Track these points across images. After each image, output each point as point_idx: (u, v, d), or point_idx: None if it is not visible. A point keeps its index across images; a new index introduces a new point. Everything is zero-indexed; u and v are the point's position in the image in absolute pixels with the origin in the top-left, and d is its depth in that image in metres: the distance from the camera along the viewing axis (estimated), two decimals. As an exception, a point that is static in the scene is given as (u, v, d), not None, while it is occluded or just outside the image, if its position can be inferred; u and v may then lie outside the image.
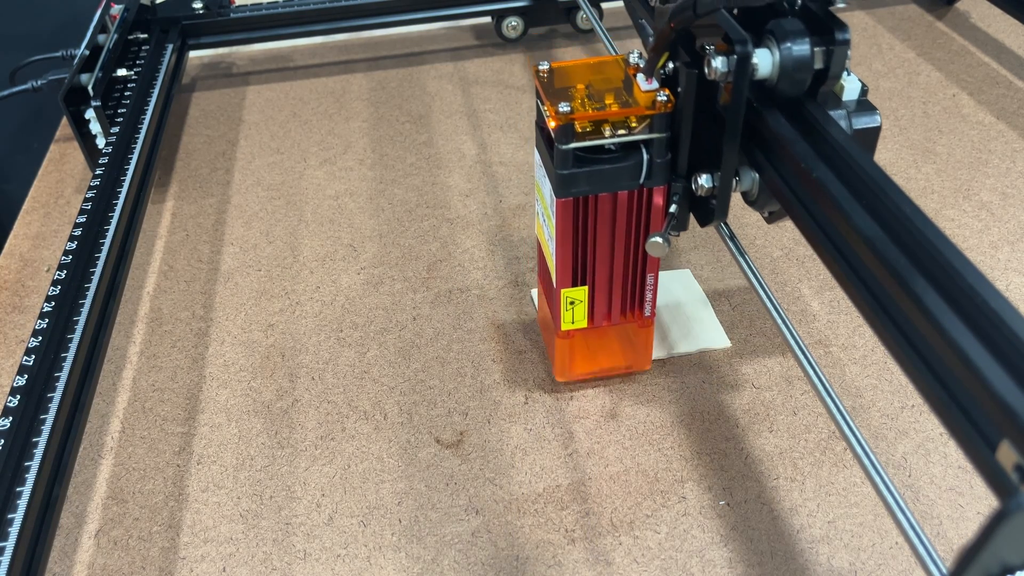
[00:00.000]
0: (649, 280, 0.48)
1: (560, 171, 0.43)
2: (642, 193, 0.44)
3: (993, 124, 0.73)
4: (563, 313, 0.48)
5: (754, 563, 0.44)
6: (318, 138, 0.76)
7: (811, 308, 0.57)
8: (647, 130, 0.42)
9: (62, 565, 0.46)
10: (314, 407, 0.53)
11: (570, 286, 0.47)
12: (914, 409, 0.51)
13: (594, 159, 0.43)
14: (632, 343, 0.52)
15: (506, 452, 0.50)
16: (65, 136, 0.79)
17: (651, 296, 0.49)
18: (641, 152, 0.43)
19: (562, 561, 0.45)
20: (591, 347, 0.52)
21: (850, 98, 0.38)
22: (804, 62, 0.36)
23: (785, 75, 0.37)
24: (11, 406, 0.43)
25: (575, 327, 0.49)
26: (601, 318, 0.49)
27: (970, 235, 0.62)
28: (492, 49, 0.87)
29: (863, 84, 0.38)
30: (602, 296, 0.48)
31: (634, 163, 0.43)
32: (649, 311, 0.49)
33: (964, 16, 0.88)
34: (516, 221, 0.66)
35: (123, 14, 0.75)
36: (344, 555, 0.45)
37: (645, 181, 0.43)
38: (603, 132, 0.42)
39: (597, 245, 0.46)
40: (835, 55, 0.36)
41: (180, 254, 0.65)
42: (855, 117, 0.38)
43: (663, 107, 0.41)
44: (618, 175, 0.43)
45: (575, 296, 0.48)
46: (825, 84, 0.37)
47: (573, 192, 0.43)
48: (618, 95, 0.43)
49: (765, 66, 0.37)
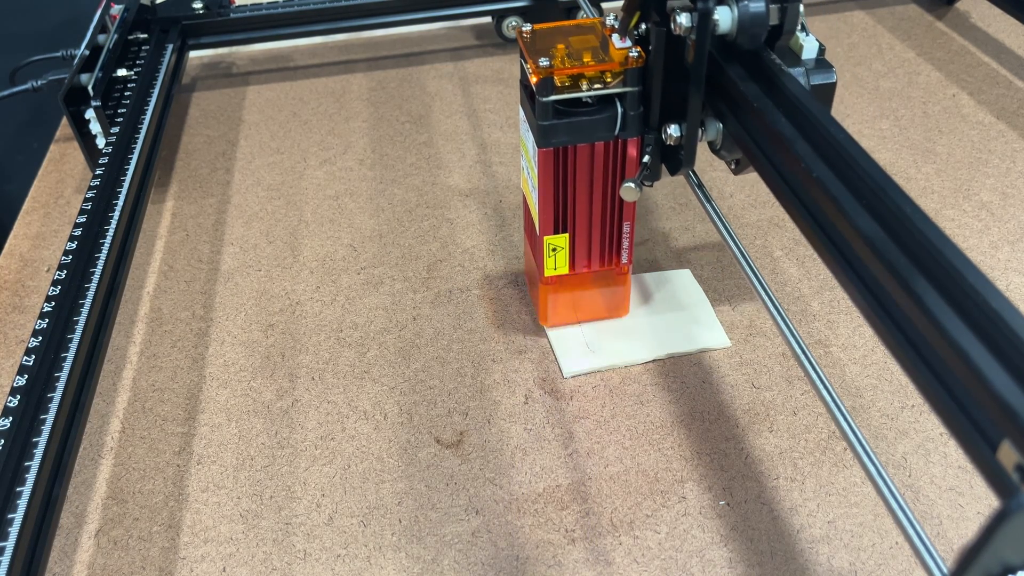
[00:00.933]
0: (626, 228, 0.52)
1: (541, 122, 0.46)
2: (617, 144, 0.48)
3: (993, 124, 0.73)
4: (546, 260, 0.52)
5: (754, 563, 0.44)
6: (318, 138, 0.76)
7: (811, 308, 0.57)
8: (621, 84, 0.46)
9: (62, 565, 0.46)
10: (314, 407, 0.53)
11: (552, 233, 0.51)
12: (914, 409, 0.51)
13: (573, 112, 0.47)
14: (611, 290, 0.55)
15: (506, 452, 0.50)
16: (65, 136, 0.79)
17: (628, 244, 0.52)
18: (616, 105, 0.47)
19: (562, 561, 0.45)
20: (573, 296, 0.55)
21: (809, 56, 0.42)
22: (760, 18, 0.40)
23: (743, 30, 0.40)
24: (11, 406, 0.43)
25: (557, 273, 0.53)
26: (581, 264, 0.53)
27: (970, 235, 0.62)
28: (492, 49, 0.87)
29: (821, 44, 0.42)
30: (582, 243, 0.52)
31: (609, 115, 0.47)
32: (626, 258, 0.53)
33: (964, 16, 0.88)
34: (516, 221, 0.66)
35: (123, 14, 0.75)
36: (344, 555, 0.45)
37: (620, 132, 0.47)
38: (581, 86, 0.46)
39: (577, 193, 0.49)
40: (789, 12, 0.40)
41: (180, 254, 0.65)
42: (812, 74, 0.41)
43: (635, 62, 0.45)
44: (595, 126, 0.47)
45: (557, 243, 0.51)
46: (780, 39, 0.41)
47: (554, 142, 0.47)
48: (595, 53, 0.46)
49: (725, 21, 0.40)
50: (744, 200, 0.67)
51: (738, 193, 0.67)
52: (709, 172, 0.69)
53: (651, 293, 0.59)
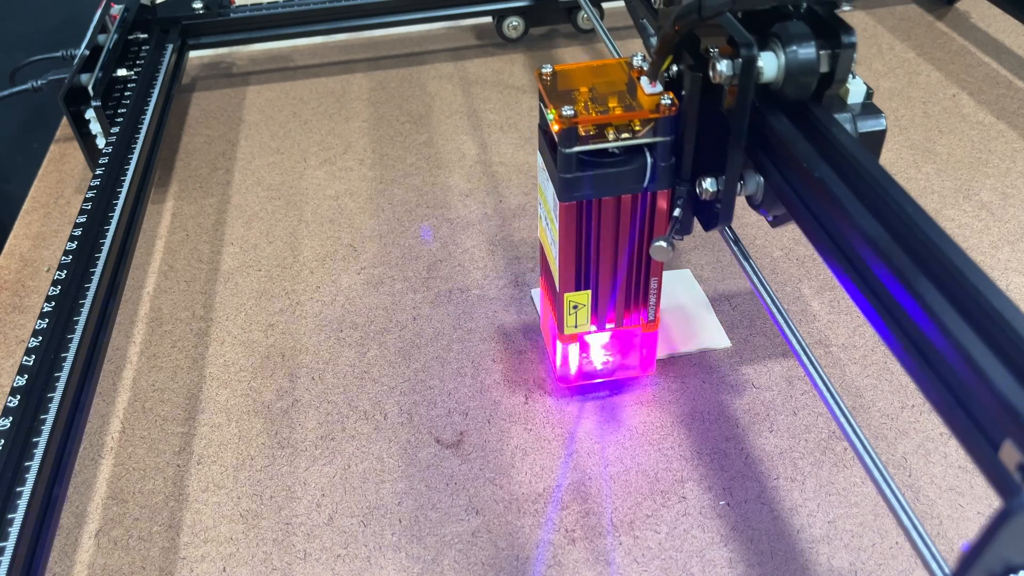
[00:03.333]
0: (653, 284, 0.48)
1: (563, 175, 0.42)
2: (646, 197, 0.44)
3: (993, 124, 0.73)
4: (566, 317, 0.48)
5: (754, 563, 0.44)
6: (318, 138, 0.76)
7: (811, 308, 0.57)
8: (651, 133, 0.42)
9: (62, 565, 0.46)
10: (314, 407, 0.53)
11: (573, 290, 0.47)
12: (914, 409, 0.51)
13: (597, 163, 0.42)
14: (635, 346, 0.52)
15: (506, 452, 0.50)
16: (65, 136, 0.79)
17: (654, 300, 0.49)
18: (645, 156, 0.42)
19: (562, 561, 0.45)
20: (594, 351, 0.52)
21: (855, 101, 0.38)
22: (810, 65, 0.36)
23: (790, 79, 0.36)
24: (11, 406, 0.43)
25: (578, 331, 0.49)
26: (604, 322, 0.49)
27: (970, 235, 0.62)
28: (493, 49, 0.87)
29: (868, 87, 0.38)
30: (605, 300, 0.48)
31: (638, 167, 0.42)
32: (652, 315, 0.49)
33: (964, 16, 0.88)
34: (516, 221, 0.66)
35: (123, 14, 0.75)
36: (344, 555, 0.45)
37: (649, 185, 0.43)
38: (607, 136, 0.42)
39: (600, 249, 0.46)
40: (841, 58, 0.36)
41: (180, 254, 0.65)
42: (860, 120, 0.38)
43: (667, 110, 0.41)
44: (622, 179, 0.43)
45: (578, 300, 0.47)
46: (831, 88, 0.37)
47: (576, 196, 0.43)
48: (621, 98, 0.43)
49: (770, 69, 0.36)
50: (744, 200, 0.66)
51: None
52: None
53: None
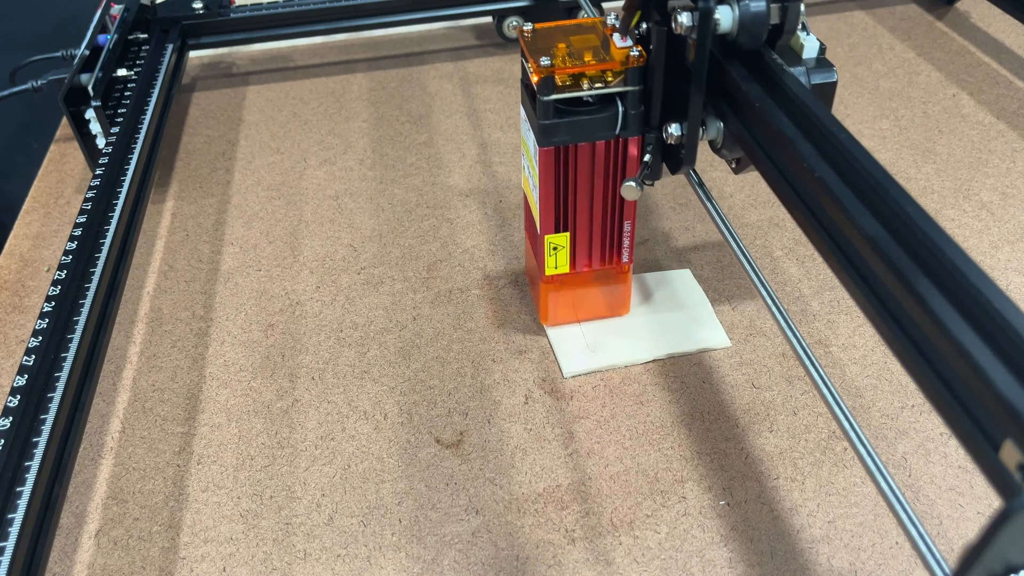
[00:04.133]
0: (626, 227, 0.52)
1: (542, 121, 0.46)
2: (618, 143, 0.48)
3: (993, 124, 0.73)
4: (547, 259, 0.52)
5: (754, 563, 0.44)
6: (318, 138, 0.76)
7: (811, 308, 0.57)
8: (622, 83, 0.46)
9: (62, 565, 0.46)
10: (314, 407, 0.53)
11: (553, 232, 0.51)
12: (914, 409, 0.51)
13: (573, 111, 0.46)
14: (612, 289, 0.55)
15: (506, 452, 0.50)
16: (65, 136, 0.79)
17: (628, 243, 0.52)
18: (617, 104, 0.47)
19: (562, 561, 0.45)
20: (574, 294, 0.55)
21: (809, 56, 0.42)
22: (761, 17, 0.40)
23: (744, 29, 0.40)
24: (11, 406, 0.43)
25: (558, 272, 0.53)
26: (582, 263, 0.53)
27: (970, 235, 0.62)
28: (493, 49, 0.87)
29: (821, 43, 0.42)
30: (583, 242, 0.52)
31: (610, 114, 0.47)
32: (627, 257, 0.53)
33: (964, 16, 0.88)
34: (516, 221, 0.66)
35: (123, 14, 0.75)
36: (344, 555, 0.45)
37: (621, 131, 0.47)
38: (582, 85, 0.46)
39: (578, 192, 0.49)
40: (789, 11, 0.40)
41: (180, 254, 0.65)
42: (813, 73, 0.41)
43: (636, 62, 0.45)
44: (596, 126, 0.47)
45: (558, 242, 0.51)
46: (781, 38, 0.41)
47: (554, 141, 0.47)
48: (596, 53, 0.46)
49: (726, 21, 0.40)
50: (744, 200, 0.67)
51: (738, 193, 0.67)
52: (709, 172, 0.69)
53: (651, 293, 0.59)
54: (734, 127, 0.43)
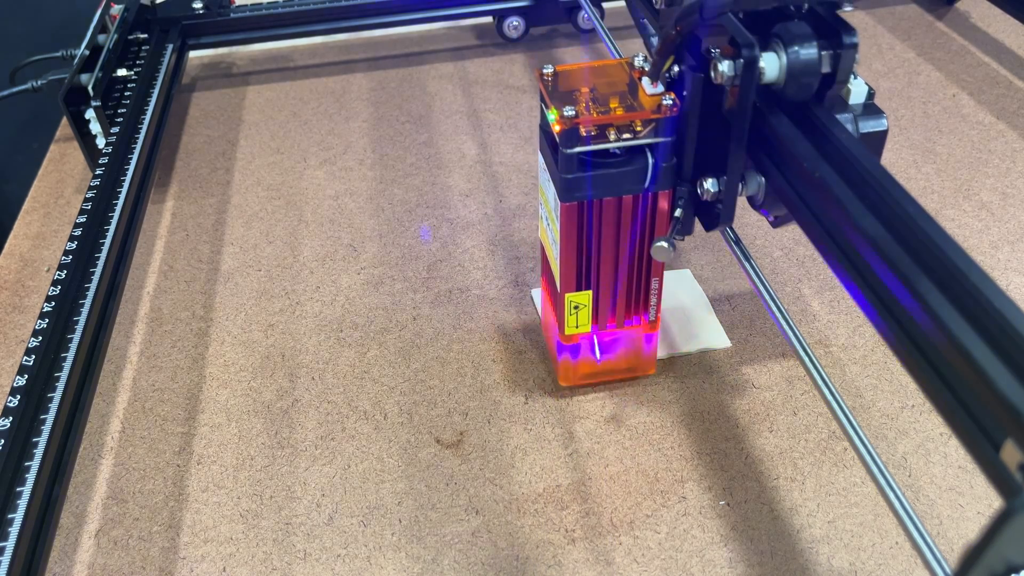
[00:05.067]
0: (654, 284, 0.48)
1: (564, 175, 0.42)
2: (647, 197, 0.44)
3: (993, 124, 0.73)
4: (567, 317, 0.48)
5: (754, 563, 0.44)
6: (318, 138, 0.76)
7: (811, 308, 0.57)
8: (652, 134, 0.42)
9: (62, 565, 0.46)
10: (314, 407, 0.53)
11: (574, 290, 0.47)
12: (914, 409, 0.51)
13: (599, 163, 0.42)
14: (636, 347, 0.51)
15: (506, 452, 0.50)
16: (65, 136, 0.79)
17: (655, 300, 0.49)
18: (646, 156, 0.43)
19: (562, 561, 0.45)
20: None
21: (857, 101, 0.38)
22: (811, 66, 0.36)
23: (792, 79, 0.36)
24: (11, 406, 0.43)
25: (579, 331, 0.49)
26: (605, 322, 0.49)
27: (970, 235, 0.62)
28: (493, 49, 0.87)
29: (870, 87, 0.38)
30: (606, 301, 0.48)
31: (639, 167, 0.43)
32: (653, 315, 0.49)
33: (964, 16, 0.88)
34: (516, 221, 0.66)
35: (123, 14, 0.75)
36: (344, 555, 0.45)
37: (650, 185, 0.43)
38: (608, 136, 0.42)
39: (602, 250, 0.46)
40: (843, 59, 0.36)
41: (180, 254, 0.65)
42: (862, 121, 0.38)
43: (668, 111, 0.41)
44: (623, 179, 0.43)
45: (579, 300, 0.47)
46: (832, 88, 0.37)
47: (578, 196, 0.43)
48: (623, 99, 0.42)
49: (772, 70, 0.36)
50: (744, 200, 0.66)
51: (738, 193, 0.67)
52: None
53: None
54: (777, 183, 0.39)
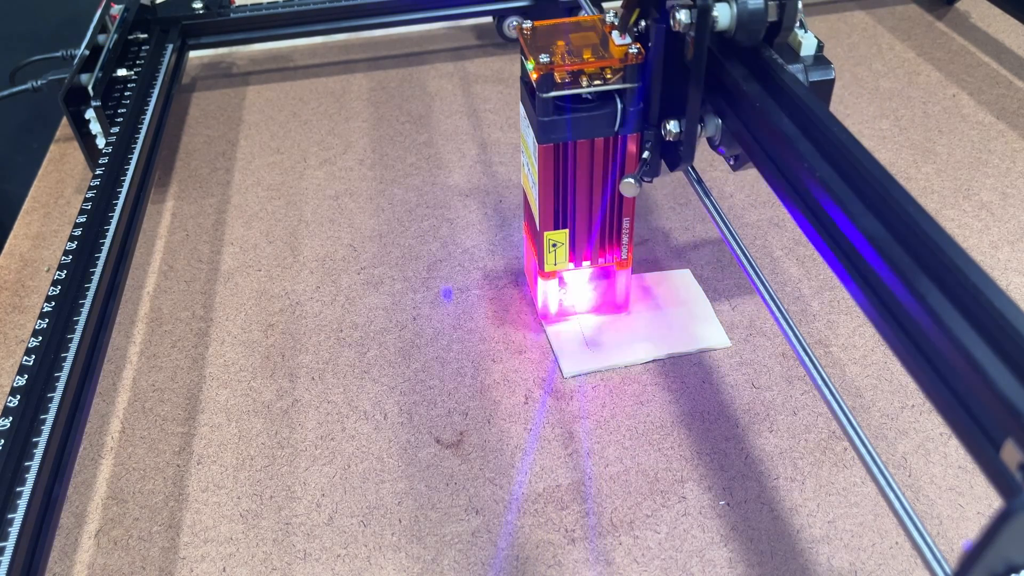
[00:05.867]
0: (625, 223, 0.52)
1: (542, 118, 0.46)
2: (617, 140, 0.48)
3: (993, 124, 0.73)
4: (546, 255, 0.53)
5: (754, 563, 0.44)
6: (318, 138, 0.76)
7: (811, 308, 0.57)
8: (621, 81, 0.46)
9: (62, 565, 0.46)
10: (314, 407, 0.53)
11: (552, 229, 0.51)
12: (914, 409, 0.51)
13: (573, 108, 0.47)
14: (610, 283, 0.56)
15: (506, 452, 0.50)
16: (65, 136, 0.79)
17: (627, 239, 0.53)
18: (616, 101, 0.47)
19: (562, 561, 0.45)
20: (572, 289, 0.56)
21: (807, 53, 0.42)
22: (759, 14, 0.40)
23: (742, 26, 0.40)
24: (11, 406, 0.43)
25: (558, 268, 0.53)
26: (581, 259, 0.53)
27: (970, 235, 0.62)
28: (493, 49, 0.87)
29: (819, 41, 0.42)
30: (582, 238, 0.52)
31: (609, 112, 0.47)
32: (625, 253, 0.54)
33: (964, 16, 0.88)
34: (516, 222, 0.66)
35: (123, 14, 0.75)
36: (344, 555, 0.45)
37: (619, 128, 0.47)
38: (581, 83, 0.46)
39: (577, 189, 0.50)
40: (787, 8, 0.40)
41: (180, 254, 0.65)
42: (811, 70, 0.42)
43: (634, 59, 0.45)
44: (595, 123, 0.47)
45: (557, 238, 0.52)
46: (779, 35, 0.41)
47: (554, 138, 0.47)
48: (595, 50, 0.46)
49: (724, 18, 0.41)
50: (744, 200, 0.67)
51: (738, 193, 0.67)
52: (709, 172, 0.69)
53: (651, 292, 0.59)
54: (732, 124, 0.43)
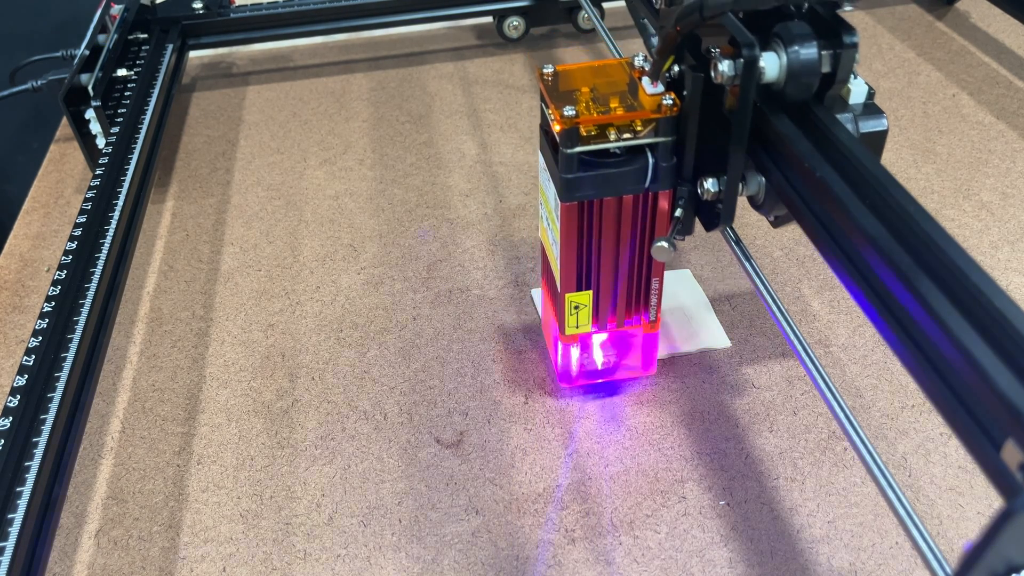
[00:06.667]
0: (654, 284, 0.48)
1: (565, 175, 0.42)
2: (647, 197, 0.44)
3: (993, 124, 0.73)
4: (567, 317, 0.48)
5: (754, 563, 0.44)
6: (318, 138, 0.76)
7: (811, 308, 0.57)
8: (652, 134, 0.42)
9: (62, 565, 0.46)
10: (314, 407, 0.53)
11: (575, 291, 0.47)
12: (914, 409, 0.51)
13: (599, 163, 0.43)
14: (636, 347, 0.51)
15: (506, 452, 0.50)
16: (65, 136, 0.79)
17: (655, 300, 0.49)
18: (647, 156, 0.43)
19: (562, 561, 0.45)
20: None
21: (857, 101, 0.38)
22: (811, 66, 0.36)
23: (792, 79, 0.36)
24: (11, 406, 0.43)
25: (579, 331, 0.49)
26: (605, 322, 0.49)
27: (970, 235, 0.62)
28: (493, 49, 0.87)
29: (870, 87, 0.38)
30: (607, 301, 0.48)
31: (639, 167, 0.43)
32: (653, 316, 0.49)
33: (964, 16, 0.88)
34: (516, 221, 0.66)
35: (123, 14, 0.75)
36: (344, 555, 0.45)
37: (650, 185, 0.43)
38: (608, 136, 0.42)
39: (602, 249, 0.46)
40: (843, 59, 0.36)
41: (180, 254, 0.65)
42: (862, 120, 0.38)
43: (669, 111, 0.41)
44: (623, 179, 0.43)
45: (579, 300, 0.47)
46: (832, 88, 0.37)
47: (578, 196, 0.43)
48: (623, 98, 0.43)
49: (772, 70, 0.36)
50: (744, 200, 0.66)
51: (738, 193, 0.67)
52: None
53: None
54: (777, 182, 0.39)
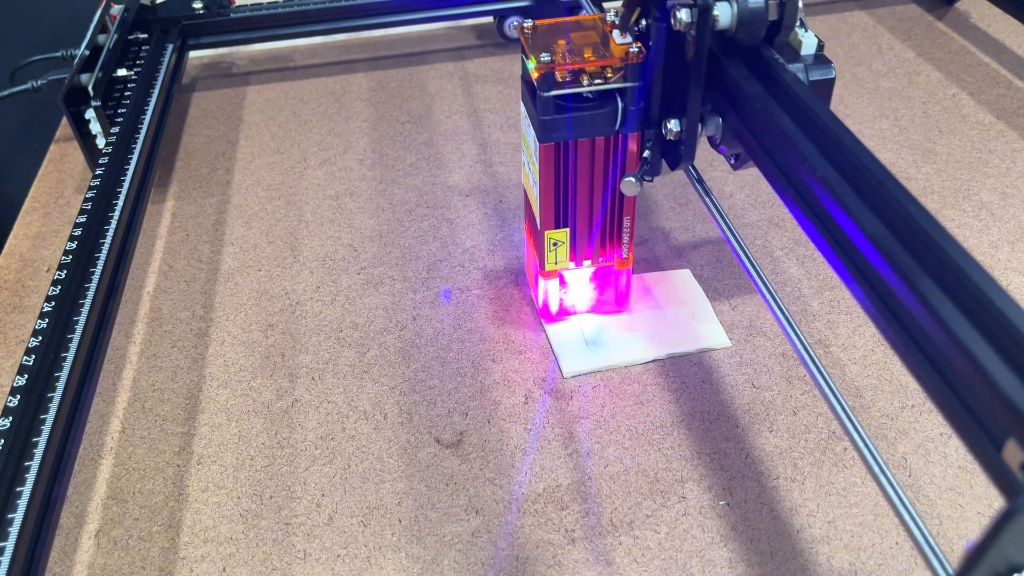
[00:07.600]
0: (625, 223, 0.52)
1: (543, 117, 0.46)
2: (618, 139, 0.48)
3: (993, 124, 0.73)
4: (547, 254, 0.53)
5: (754, 563, 0.44)
6: (318, 138, 0.76)
7: (811, 308, 0.57)
8: (621, 80, 0.46)
9: (62, 565, 0.46)
10: (314, 407, 0.53)
11: (553, 228, 0.51)
12: (914, 409, 0.51)
13: (574, 107, 0.47)
14: (611, 283, 0.56)
15: (506, 452, 0.50)
16: (65, 136, 0.79)
17: (628, 238, 0.53)
18: (616, 100, 0.47)
19: (562, 561, 0.45)
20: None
21: (807, 52, 0.43)
22: (759, 13, 0.41)
23: (742, 25, 0.41)
24: (11, 406, 0.43)
25: (559, 267, 0.53)
26: (582, 258, 0.53)
27: (970, 235, 0.62)
28: (493, 49, 0.87)
29: (820, 40, 0.42)
30: (583, 237, 0.52)
31: (610, 110, 0.47)
32: (626, 252, 0.54)
33: (964, 16, 0.88)
34: (517, 221, 0.66)
35: (123, 14, 0.75)
36: (344, 555, 0.45)
37: (620, 127, 0.47)
38: (582, 82, 0.46)
39: (577, 188, 0.50)
40: (787, 7, 0.41)
41: (180, 254, 0.65)
42: (812, 70, 0.42)
43: (635, 58, 0.46)
44: (595, 121, 0.47)
45: (558, 237, 0.52)
46: (780, 35, 0.42)
47: (554, 137, 0.47)
48: (596, 49, 0.47)
49: (725, 17, 0.41)
50: (744, 200, 0.67)
51: (738, 193, 0.67)
52: (709, 172, 0.69)
53: (652, 292, 0.59)
54: (733, 123, 0.43)
